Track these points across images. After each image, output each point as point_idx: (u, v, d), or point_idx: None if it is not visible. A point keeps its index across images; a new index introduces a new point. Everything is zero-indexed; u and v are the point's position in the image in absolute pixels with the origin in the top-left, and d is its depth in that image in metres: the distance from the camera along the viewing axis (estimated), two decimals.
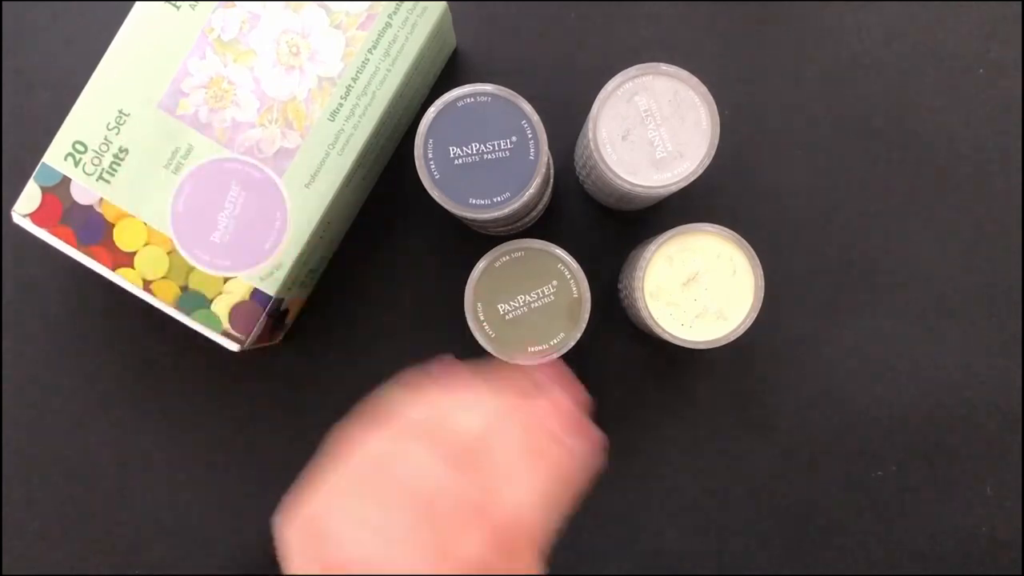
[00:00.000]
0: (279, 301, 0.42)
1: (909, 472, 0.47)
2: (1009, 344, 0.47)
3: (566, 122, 0.47)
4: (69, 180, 0.40)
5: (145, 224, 0.40)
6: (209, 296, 0.40)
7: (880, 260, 0.47)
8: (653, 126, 0.38)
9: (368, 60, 0.40)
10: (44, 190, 0.40)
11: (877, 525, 0.46)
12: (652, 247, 0.39)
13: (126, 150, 0.40)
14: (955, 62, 0.47)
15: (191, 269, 0.40)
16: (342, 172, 0.41)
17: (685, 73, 0.38)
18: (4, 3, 0.47)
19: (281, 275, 0.40)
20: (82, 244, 0.40)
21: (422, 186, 0.40)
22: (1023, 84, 0.47)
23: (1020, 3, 0.47)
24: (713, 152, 0.38)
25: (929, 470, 0.47)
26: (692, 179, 0.38)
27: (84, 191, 0.40)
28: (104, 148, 0.40)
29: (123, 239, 0.40)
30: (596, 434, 0.35)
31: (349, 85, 0.40)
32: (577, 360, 0.47)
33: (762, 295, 0.39)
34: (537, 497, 0.30)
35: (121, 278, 0.40)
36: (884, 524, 0.46)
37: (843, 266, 0.47)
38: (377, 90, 0.41)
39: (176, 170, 0.40)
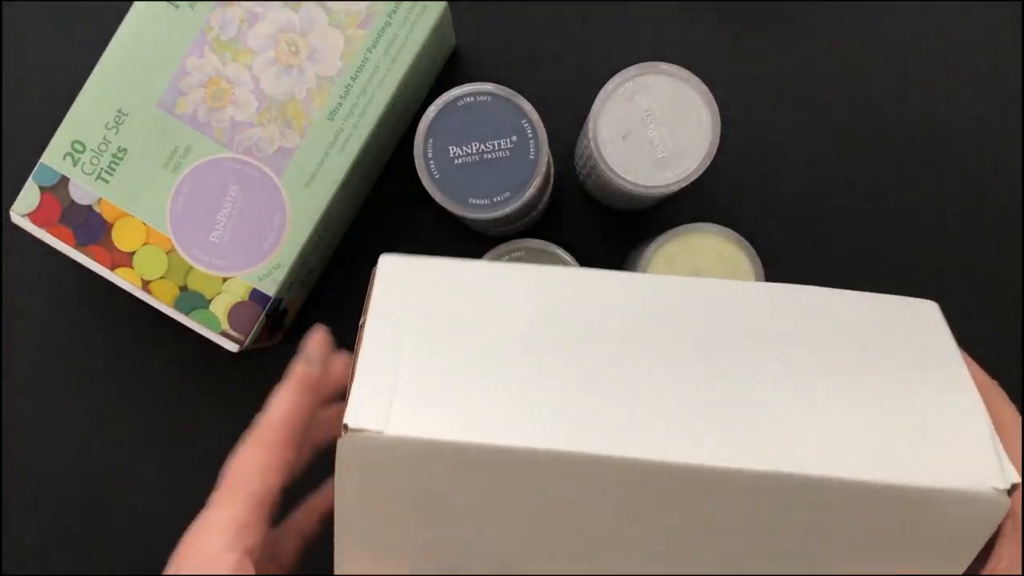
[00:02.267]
0: (278, 301, 0.41)
1: None
2: (1009, 343, 0.46)
3: (566, 122, 0.46)
4: (68, 180, 0.40)
5: (144, 224, 0.40)
6: (208, 296, 0.40)
7: (880, 260, 0.47)
8: (653, 126, 0.38)
9: (367, 59, 0.40)
10: (43, 190, 0.40)
11: None
12: (652, 247, 0.39)
13: (125, 150, 0.40)
14: (955, 62, 0.47)
15: (190, 269, 0.40)
16: (341, 172, 0.41)
17: (685, 73, 0.37)
18: (4, 3, 0.47)
19: (280, 275, 0.40)
20: (80, 244, 0.40)
21: (422, 186, 0.40)
22: (1023, 84, 0.47)
23: (1020, 3, 0.47)
24: (713, 152, 0.38)
25: None
26: (692, 179, 0.38)
27: (83, 191, 0.40)
28: (103, 148, 0.40)
29: (122, 239, 0.40)
30: None
31: (348, 84, 0.40)
32: None
33: None
34: None
35: (119, 278, 0.40)
36: None
37: (843, 265, 0.47)
38: (376, 89, 0.40)
39: (175, 169, 0.40)
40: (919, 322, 0.28)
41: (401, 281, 0.29)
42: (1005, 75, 0.47)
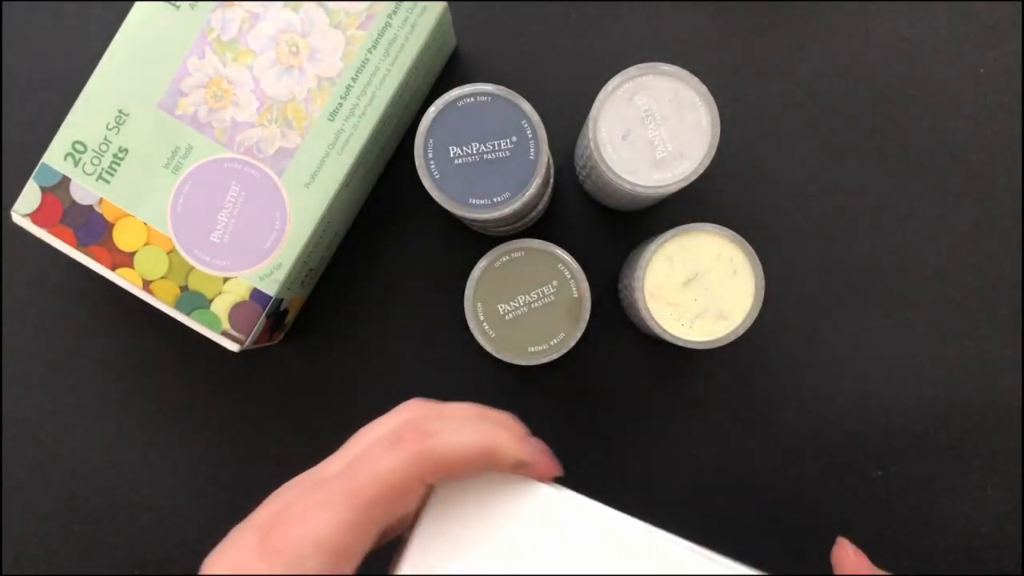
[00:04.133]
0: (279, 301, 0.42)
1: (909, 472, 0.47)
2: (1010, 343, 0.47)
3: (566, 122, 0.47)
4: (69, 180, 0.40)
5: (145, 224, 0.40)
6: (209, 296, 0.40)
7: (880, 259, 0.47)
8: (653, 126, 0.38)
9: (368, 60, 0.40)
10: (44, 190, 0.40)
11: (877, 524, 0.46)
12: (652, 247, 0.39)
13: (126, 150, 0.40)
14: (955, 62, 0.47)
15: (191, 269, 0.40)
16: (342, 172, 0.41)
17: (685, 73, 0.38)
18: (4, 3, 0.47)
19: (281, 275, 0.40)
20: (81, 244, 0.40)
21: (422, 186, 0.40)
22: (1023, 84, 0.47)
23: (1020, 3, 0.47)
24: (713, 152, 0.38)
25: (929, 470, 0.47)
26: (692, 179, 0.38)
27: (84, 191, 0.40)
28: (104, 148, 0.40)
29: (122, 239, 0.40)
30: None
31: (349, 85, 0.40)
32: (577, 360, 0.47)
33: (762, 295, 0.39)
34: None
35: (120, 278, 0.40)
36: (884, 523, 0.46)
37: (843, 265, 0.47)
38: (377, 90, 0.40)
39: (176, 170, 0.40)
40: None
41: (451, 509, 0.28)
42: (1005, 75, 0.47)
